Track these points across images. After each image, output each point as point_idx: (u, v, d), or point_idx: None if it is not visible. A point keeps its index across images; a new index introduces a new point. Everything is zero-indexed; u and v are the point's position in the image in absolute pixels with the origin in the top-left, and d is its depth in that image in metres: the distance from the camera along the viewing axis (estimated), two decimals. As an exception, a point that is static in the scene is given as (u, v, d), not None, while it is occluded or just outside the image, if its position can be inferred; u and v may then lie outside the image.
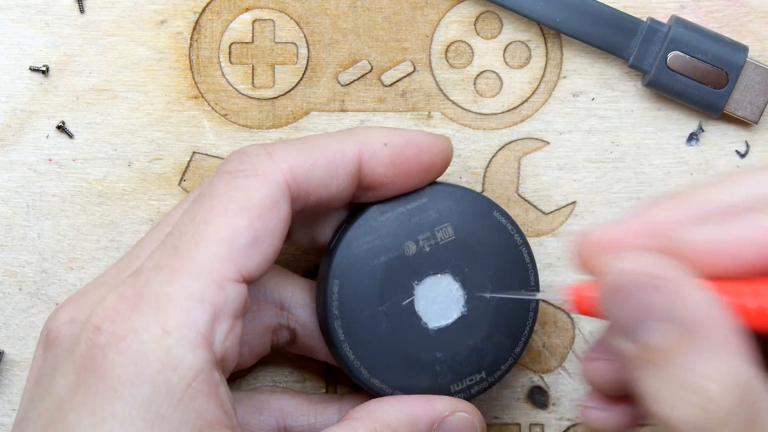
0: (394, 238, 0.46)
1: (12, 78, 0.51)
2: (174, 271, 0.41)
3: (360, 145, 0.44)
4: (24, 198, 0.51)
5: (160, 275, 0.41)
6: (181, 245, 0.41)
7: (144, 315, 0.40)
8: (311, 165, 0.43)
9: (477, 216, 0.46)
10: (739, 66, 0.49)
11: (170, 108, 0.51)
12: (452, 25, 0.51)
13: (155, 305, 0.40)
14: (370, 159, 0.44)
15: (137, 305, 0.40)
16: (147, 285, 0.41)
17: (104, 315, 0.41)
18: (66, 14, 0.51)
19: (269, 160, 0.43)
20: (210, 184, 0.43)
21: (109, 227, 0.51)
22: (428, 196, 0.46)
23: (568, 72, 0.51)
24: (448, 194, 0.46)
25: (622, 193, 0.51)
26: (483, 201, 0.46)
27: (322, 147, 0.44)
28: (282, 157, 0.43)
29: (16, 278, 0.51)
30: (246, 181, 0.42)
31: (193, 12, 0.51)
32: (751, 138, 0.51)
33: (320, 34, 0.51)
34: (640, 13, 0.51)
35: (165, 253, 0.41)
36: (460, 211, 0.46)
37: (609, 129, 0.51)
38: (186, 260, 0.41)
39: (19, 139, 0.51)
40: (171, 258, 0.41)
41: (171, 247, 0.41)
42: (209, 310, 0.40)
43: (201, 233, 0.41)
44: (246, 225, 0.41)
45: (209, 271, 0.41)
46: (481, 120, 0.51)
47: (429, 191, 0.46)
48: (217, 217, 0.41)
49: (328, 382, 0.51)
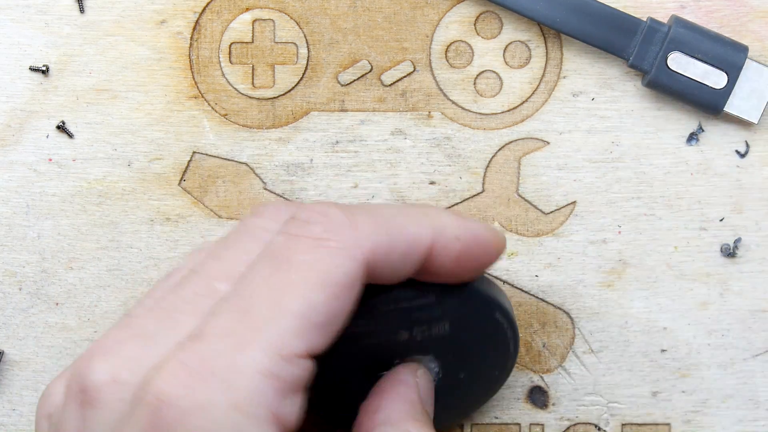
0: (389, 326, 0.45)
1: (12, 78, 0.51)
2: (243, 342, 0.38)
3: (434, 235, 0.42)
4: (24, 198, 0.51)
5: (227, 344, 0.38)
6: (252, 312, 0.39)
7: (212, 389, 0.38)
8: (390, 249, 0.41)
9: (478, 317, 0.45)
10: (739, 66, 0.49)
11: (170, 108, 0.51)
12: (452, 25, 0.51)
13: (224, 378, 0.38)
14: (442, 251, 0.43)
15: (204, 377, 0.38)
16: (213, 354, 0.38)
17: (168, 387, 0.38)
18: (66, 14, 0.51)
19: (354, 233, 0.40)
20: (288, 244, 0.40)
21: (109, 227, 0.51)
22: (435, 295, 0.44)
23: (568, 72, 0.51)
24: (456, 295, 0.45)
25: (622, 193, 0.51)
26: (487, 302, 0.45)
27: (400, 228, 0.42)
28: (366, 233, 0.41)
29: (16, 278, 0.51)
30: (329, 253, 0.40)
31: (193, 12, 0.51)
32: (751, 138, 0.51)
33: (320, 34, 0.51)
34: (640, 13, 0.51)
35: (232, 318, 0.39)
36: (462, 309, 0.45)
37: (609, 129, 0.51)
38: (257, 331, 0.38)
39: (19, 139, 0.51)
40: (239, 325, 0.39)
41: (239, 311, 0.39)
42: (279, 386, 0.38)
43: (276, 303, 0.39)
44: (322, 302, 0.39)
45: (280, 346, 0.38)
46: (481, 120, 0.51)
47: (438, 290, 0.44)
48: (295, 288, 0.39)
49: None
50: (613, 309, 0.51)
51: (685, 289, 0.51)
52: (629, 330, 0.51)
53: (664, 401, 0.51)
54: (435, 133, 0.51)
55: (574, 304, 0.51)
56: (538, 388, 0.51)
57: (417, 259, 0.42)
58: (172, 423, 0.37)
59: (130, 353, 0.40)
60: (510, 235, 0.51)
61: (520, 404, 0.51)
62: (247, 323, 0.38)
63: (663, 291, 0.51)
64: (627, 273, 0.51)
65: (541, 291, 0.51)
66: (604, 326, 0.51)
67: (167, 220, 0.51)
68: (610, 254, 0.51)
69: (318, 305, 0.39)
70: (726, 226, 0.51)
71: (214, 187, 0.51)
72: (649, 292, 0.51)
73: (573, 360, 0.51)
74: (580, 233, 0.51)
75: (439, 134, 0.51)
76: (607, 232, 0.51)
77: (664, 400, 0.51)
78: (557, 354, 0.51)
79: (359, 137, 0.51)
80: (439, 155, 0.51)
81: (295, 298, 0.39)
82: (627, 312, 0.51)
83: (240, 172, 0.51)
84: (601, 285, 0.51)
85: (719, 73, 0.50)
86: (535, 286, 0.51)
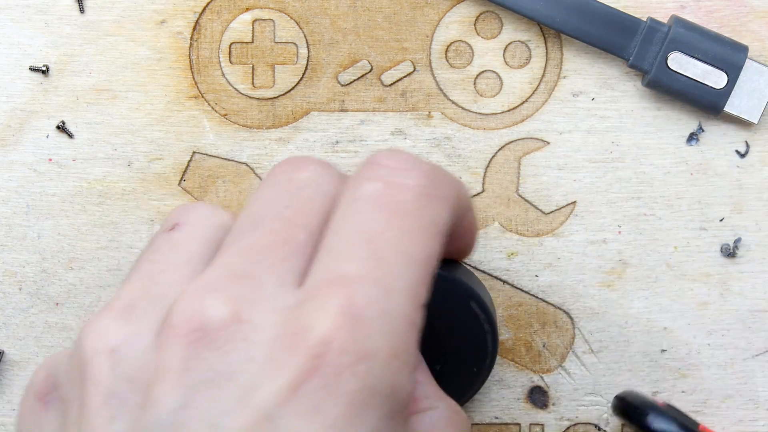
0: None
1: (12, 78, 0.51)
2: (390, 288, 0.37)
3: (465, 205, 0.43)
4: (24, 198, 0.51)
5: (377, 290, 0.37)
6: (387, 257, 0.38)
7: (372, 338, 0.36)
8: (467, 209, 0.42)
9: (453, 304, 0.46)
10: (739, 66, 0.49)
11: (170, 108, 0.51)
12: (452, 25, 0.51)
13: (381, 326, 0.37)
14: (468, 222, 0.43)
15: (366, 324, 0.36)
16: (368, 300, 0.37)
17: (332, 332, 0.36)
18: (66, 14, 0.51)
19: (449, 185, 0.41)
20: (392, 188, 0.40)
21: (109, 227, 0.51)
22: None
23: (568, 72, 0.51)
24: None
25: (622, 193, 0.51)
26: (463, 290, 0.46)
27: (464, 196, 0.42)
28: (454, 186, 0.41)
29: (16, 278, 0.51)
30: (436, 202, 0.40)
31: (193, 12, 0.51)
32: (751, 138, 0.51)
33: (320, 34, 0.51)
34: (640, 13, 0.51)
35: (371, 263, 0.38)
36: (436, 296, 0.45)
37: (609, 129, 0.51)
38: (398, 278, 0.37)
39: (19, 139, 0.51)
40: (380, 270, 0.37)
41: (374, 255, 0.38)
42: (417, 336, 0.38)
43: (405, 251, 0.38)
44: (437, 251, 0.39)
45: (418, 294, 0.38)
46: (481, 120, 0.51)
47: None
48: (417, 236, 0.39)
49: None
50: (613, 309, 0.51)
51: (685, 289, 0.51)
52: (629, 330, 0.51)
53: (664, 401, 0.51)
54: (435, 133, 0.51)
55: (574, 304, 0.51)
56: (538, 388, 0.51)
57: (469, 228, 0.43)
58: (340, 370, 0.36)
59: (239, 293, 0.37)
60: (510, 235, 0.51)
61: (520, 404, 0.51)
62: (386, 269, 0.37)
63: (663, 291, 0.51)
64: (627, 273, 0.51)
65: (541, 291, 0.51)
66: (604, 326, 0.51)
67: (167, 220, 0.51)
68: (610, 254, 0.51)
69: (435, 254, 0.39)
70: (726, 226, 0.51)
71: (214, 187, 0.51)
72: (649, 292, 0.51)
73: (573, 360, 0.51)
74: (580, 233, 0.51)
75: (439, 134, 0.51)
76: (607, 232, 0.51)
77: (664, 401, 0.51)
78: (557, 354, 0.51)
79: (359, 137, 0.51)
80: (439, 155, 0.51)
81: (420, 247, 0.38)
82: (627, 312, 0.51)
83: (240, 172, 0.51)
84: (601, 285, 0.51)
85: (719, 73, 0.50)
86: (535, 286, 0.51)
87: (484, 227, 0.51)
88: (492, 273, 0.51)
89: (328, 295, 0.36)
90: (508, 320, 0.51)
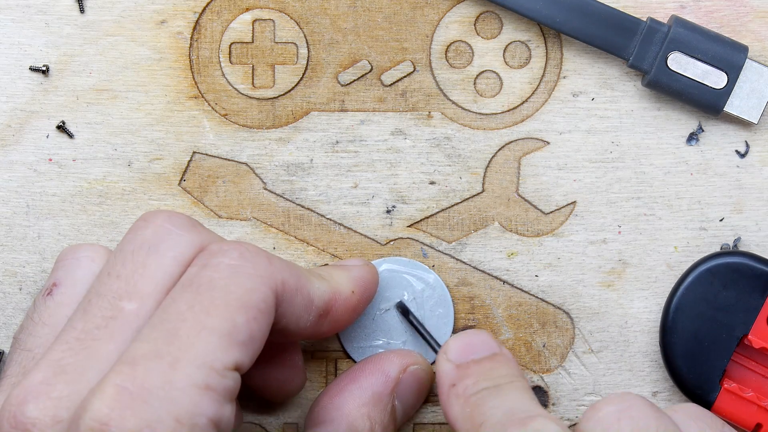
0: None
1: (12, 78, 0.51)
2: (175, 360, 0.40)
3: (333, 293, 0.46)
4: (24, 198, 0.51)
5: (161, 364, 0.40)
6: (179, 334, 0.41)
7: (153, 407, 0.39)
8: (296, 290, 0.44)
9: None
10: (739, 66, 0.49)
11: (170, 108, 0.51)
12: (452, 25, 0.51)
13: (163, 395, 0.40)
14: (342, 306, 0.47)
15: (143, 397, 0.40)
16: (148, 375, 0.40)
17: (109, 410, 0.39)
18: (66, 14, 0.51)
19: (269, 266, 0.43)
20: (206, 271, 0.42)
21: (109, 227, 0.51)
22: None
23: (568, 72, 0.51)
24: None
25: (622, 193, 0.51)
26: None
27: (306, 280, 0.45)
28: (279, 269, 0.44)
29: (16, 278, 0.51)
30: (247, 279, 0.42)
31: (193, 12, 0.51)
32: (751, 138, 0.51)
33: (320, 34, 0.51)
34: (640, 13, 0.51)
35: (160, 341, 0.41)
36: None
37: (609, 129, 0.51)
38: (186, 349, 0.40)
39: (19, 139, 0.51)
40: (169, 346, 0.40)
41: (166, 334, 0.41)
42: (215, 397, 0.40)
43: (201, 323, 0.41)
44: (244, 323, 0.41)
45: (211, 360, 0.41)
46: (481, 120, 0.51)
47: None
48: (217, 309, 0.41)
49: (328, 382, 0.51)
50: (613, 309, 0.51)
51: (685, 289, 0.51)
52: (629, 330, 0.51)
53: (664, 401, 0.51)
54: (435, 133, 0.51)
55: (574, 304, 0.51)
56: (538, 388, 0.51)
57: (317, 311, 0.45)
58: None
59: (61, 392, 0.41)
60: (510, 235, 0.51)
61: (520, 404, 0.51)
62: (176, 344, 0.40)
63: (663, 291, 0.51)
64: (627, 273, 0.51)
65: (541, 291, 0.51)
66: (604, 326, 0.51)
67: (167, 220, 0.51)
68: (610, 254, 0.51)
69: (240, 325, 0.41)
70: (726, 226, 0.51)
71: (214, 187, 0.51)
72: (649, 292, 0.51)
73: (573, 360, 0.51)
74: (580, 233, 0.51)
75: (439, 134, 0.51)
76: (607, 232, 0.51)
77: (664, 400, 0.51)
78: (557, 354, 0.51)
79: (359, 137, 0.51)
80: (439, 155, 0.51)
81: (218, 319, 0.41)
82: (627, 312, 0.51)
83: (240, 172, 0.51)
84: (601, 285, 0.51)
85: (719, 73, 0.50)
86: (535, 286, 0.51)
87: (484, 227, 0.51)
88: (492, 273, 0.51)
89: (108, 376, 0.40)
90: (508, 320, 0.51)
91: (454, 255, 0.51)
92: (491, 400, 0.44)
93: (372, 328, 0.51)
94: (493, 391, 0.44)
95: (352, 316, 0.48)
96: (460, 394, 0.45)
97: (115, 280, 0.43)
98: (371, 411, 0.48)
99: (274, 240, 0.51)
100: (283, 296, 0.43)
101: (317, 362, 0.51)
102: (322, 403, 0.48)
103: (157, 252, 0.43)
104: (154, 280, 0.43)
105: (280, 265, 0.44)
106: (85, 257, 0.46)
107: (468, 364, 0.46)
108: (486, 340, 0.47)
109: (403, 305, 0.50)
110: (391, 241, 0.51)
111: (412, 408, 0.49)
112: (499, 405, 0.43)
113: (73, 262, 0.46)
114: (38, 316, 0.45)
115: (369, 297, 0.49)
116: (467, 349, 0.46)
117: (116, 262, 0.43)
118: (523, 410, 0.43)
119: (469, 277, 0.51)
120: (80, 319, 0.43)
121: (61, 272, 0.46)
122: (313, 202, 0.51)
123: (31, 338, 0.44)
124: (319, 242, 0.51)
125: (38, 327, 0.44)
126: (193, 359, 0.40)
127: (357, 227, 0.51)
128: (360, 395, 0.48)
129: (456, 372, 0.45)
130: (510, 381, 0.45)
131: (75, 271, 0.45)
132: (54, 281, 0.45)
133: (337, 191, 0.51)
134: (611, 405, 0.42)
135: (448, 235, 0.51)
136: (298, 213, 0.51)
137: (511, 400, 0.44)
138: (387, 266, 0.51)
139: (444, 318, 0.50)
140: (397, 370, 0.49)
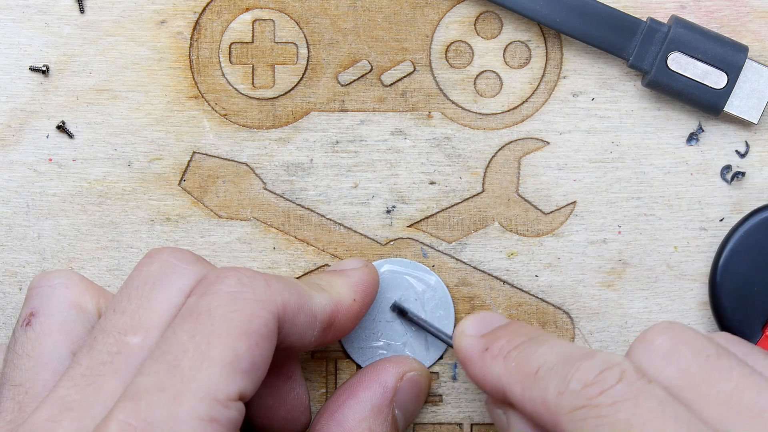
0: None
1: (12, 78, 0.51)
2: (178, 393, 0.40)
3: (335, 304, 0.46)
4: (24, 198, 0.51)
5: (162, 397, 0.40)
6: (181, 366, 0.41)
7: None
8: (298, 309, 0.44)
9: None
10: (739, 66, 0.49)
11: (170, 108, 0.51)
12: (452, 25, 0.51)
13: (167, 429, 0.40)
14: (343, 315, 0.47)
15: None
16: (151, 409, 0.40)
17: None
18: (66, 14, 0.51)
19: (267, 289, 0.43)
20: (205, 299, 0.43)
21: (109, 227, 0.51)
22: None
23: (568, 72, 0.51)
24: None
25: (622, 193, 0.51)
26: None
27: (307, 297, 0.45)
28: (278, 290, 0.44)
29: (16, 278, 0.51)
30: (246, 305, 0.42)
31: (193, 12, 0.51)
32: (751, 138, 0.51)
33: (320, 34, 0.51)
34: (640, 13, 0.51)
35: (162, 374, 0.41)
36: None
37: (609, 129, 0.51)
38: (189, 381, 0.40)
39: (19, 139, 0.51)
40: (171, 379, 0.41)
41: (168, 367, 0.41)
42: (219, 429, 0.41)
43: (202, 354, 0.41)
44: (246, 350, 0.42)
45: (214, 391, 0.41)
46: (481, 120, 0.51)
47: None
48: (218, 339, 0.41)
49: (328, 382, 0.51)
50: (613, 309, 0.51)
51: (685, 289, 0.51)
52: (629, 330, 0.51)
53: (664, 401, 0.51)
54: (435, 133, 0.51)
55: (574, 304, 0.51)
56: (538, 388, 0.51)
57: (320, 326, 0.45)
58: None
59: (67, 428, 0.41)
60: (510, 235, 0.51)
61: (520, 404, 0.51)
62: (178, 376, 0.41)
63: (663, 291, 0.51)
64: (627, 273, 0.51)
65: (541, 291, 0.51)
66: (604, 326, 0.51)
67: (167, 220, 0.51)
68: (610, 254, 0.51)
69: (242, 353, 0.41)
70: (726, 226, 0.51)
71: (214, 187, 0.51)
72: (649, 292, 0.51)
73: (573, 360, 0.51)
74: (580, 233, 0.51)
75: (439, 134, 0.51)
76: (607, 232, 0.51)
77: (664, 400, 0.51)
78: (557, 354, 0.51)
79: (359, 137, 0.51)
80: (439, 155, 0.51)
81: (220, 348, 0.41)
82: (627, 312, 0.51)
83: (240, 172, 0.51)
84: (601, 285, 0.51)
85: (719, 73, 0.50)
86: (535, 286, 0.51)
87: (484, 227, 0.51)
88: (492, 273, 0.51)
89: (113, 412, 0.40)
90: (508, 320, 0.51)
91: (454, 255, 0.51)
92: (537, 348, 0.43)
93: (372, 329, 0.51)
94: (533, 342, 0.44)
95: (355, 323, 0.48)
96: (497, 354, 0.44)
97: (120, 315, 0.43)
98: (372, 424, 0.48)
99: (274, 240, 0.51)
100: (285, 317, 0.44)
101: (317, 362, 0.51)
102: (323, 421, 0.48)
103: (161, 285, 0.43)
104: (158, 312, 0.43)
105: (279, 286, 0.44)
106: (59, 284, 0.46)
107: (493, 331, 0.46)
108: (496, 315, 0.47)
109: (398, 306, 0.50)
110: (391, 241, 0.51)
111: (412, 414, 0.50)
112: (547, 351, 0.43)
113: (47, 290, 0.46)
114: (21, 348, 0.45)
115: (370, 301, 0.49)
116: (484, 321, 0.46)
117: (122, 298, 0.43)
118: (578, 349, 0.43)
119: (469, 277, 0.51)
120: (86, 355, 0.43)
121: (36, 300, 0.45)
122: (313, 202, 0.51)
123: (18, 372, 0.44)
124: (319, 242, 0.51)
125: (23, 360, 0.44)
126: (196, 391, 0.40)
127: (357, 227, 0.51)
128: (360, 410, 0.48)
129: (483, 340, 0.45)
130: (542, 334, 0.45)
131: (50, 299, 0.45)
132: (31, 311, 0.45)
133: (337, 191, 0.51)
134: (662, 334, 0.42)
135: (448, 235, 0.51)
136: (298, 213, 0.51)
137: (557, 345, 0.43)
138: (388, 267, 0.51)
139: (445, 319, 0.51)
140: (394, 379, 0.49)
